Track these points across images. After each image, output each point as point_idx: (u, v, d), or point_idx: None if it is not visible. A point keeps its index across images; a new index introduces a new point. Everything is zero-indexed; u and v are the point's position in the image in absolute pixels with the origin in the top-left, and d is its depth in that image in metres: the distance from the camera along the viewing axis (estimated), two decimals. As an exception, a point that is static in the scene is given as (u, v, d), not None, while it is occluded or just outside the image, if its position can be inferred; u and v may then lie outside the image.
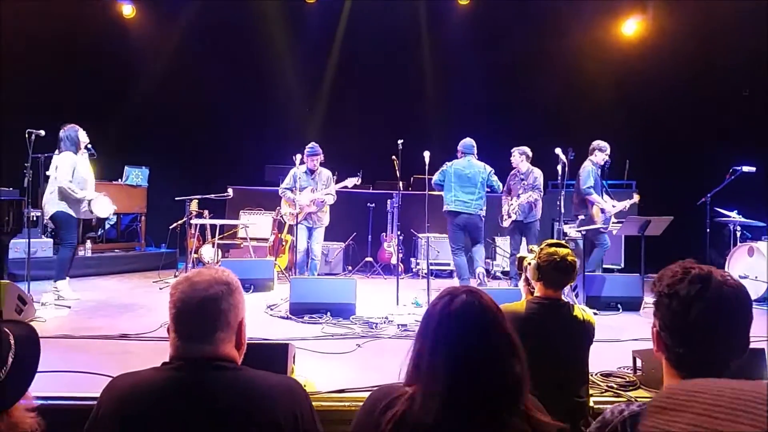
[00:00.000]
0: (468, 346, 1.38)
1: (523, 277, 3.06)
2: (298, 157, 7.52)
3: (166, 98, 9.85)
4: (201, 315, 1.53)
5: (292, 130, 10.23)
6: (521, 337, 1.46)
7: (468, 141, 7.03)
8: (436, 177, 6.97)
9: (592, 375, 3.20)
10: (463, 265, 6.85)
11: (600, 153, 6.95)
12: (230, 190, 8.11)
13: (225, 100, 9.93)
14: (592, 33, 10.04)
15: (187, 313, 1.53)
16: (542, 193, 7.19)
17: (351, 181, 7.32)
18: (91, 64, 9.46)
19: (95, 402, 2.84)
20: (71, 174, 6.00)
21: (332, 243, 8.51)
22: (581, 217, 6.85)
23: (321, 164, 7.30)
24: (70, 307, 5.52)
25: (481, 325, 1.41)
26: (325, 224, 7.34)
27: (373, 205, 8.89)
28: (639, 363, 3.54)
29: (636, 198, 7.03)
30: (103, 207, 6.30)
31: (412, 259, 8.85)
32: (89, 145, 8.06)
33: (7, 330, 1.38)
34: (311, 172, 7.24)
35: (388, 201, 8.91)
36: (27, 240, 6.07)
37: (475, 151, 7.02)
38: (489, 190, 7.00)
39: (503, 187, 7.31)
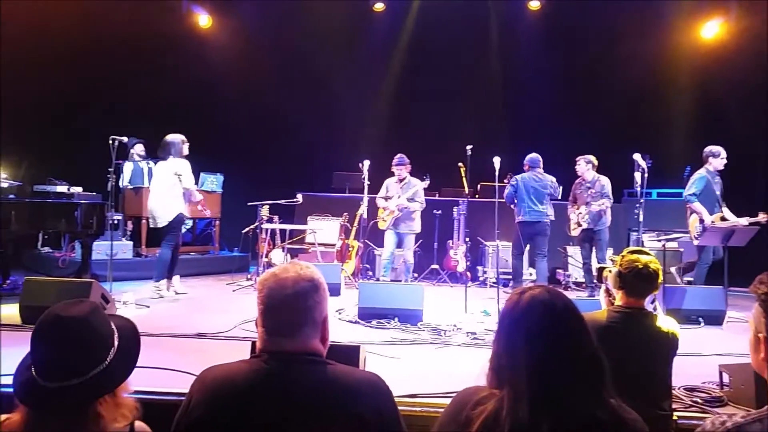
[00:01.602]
0: (544, 337, 1.38)
1: (603, 287, 2.96)
2: (366, 163, 7.64)
3: (239, 107, 10.18)
4: (287, 311, 1.56)
5: (360, 137, 10.35)
6: (602, 346, 1.44)
7: (535, 156, 7.37)
8: (507, 191, 7.25)
9: (674, 389, 3.06)
10: (520, 267, 7.38)
11: (714, 159, 6.69)
12: (299, 196, 8.28)
13: (295, 109, 10.15)
14: (669, 36, 9.68)
15: (275, 309, 1.56)
16: (612, 201, 7.08)
17: (420, 185, 7.62)
18: (170, 74, 9.87)
19: (174, 397, 2.95)
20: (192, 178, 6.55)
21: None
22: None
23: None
24: (149, 307, 5.77)
25: (554, 314, 1.41)
26: (416, 231, 7.68)
27: (440, 212, 8.82)
28: (726, 378, 3.36)
29: (762, 217, 6.41)
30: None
31: (479, 268, 8.72)
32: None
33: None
34: (400, 180, 7.62)
35: (455, 208, 8.84)
36: (110, 242, 6.40)
37: (541, 164, 7.33)
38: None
39: (570, 196, 7.43)
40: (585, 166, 7.17)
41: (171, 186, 6.38)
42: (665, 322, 2.65)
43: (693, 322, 5.65)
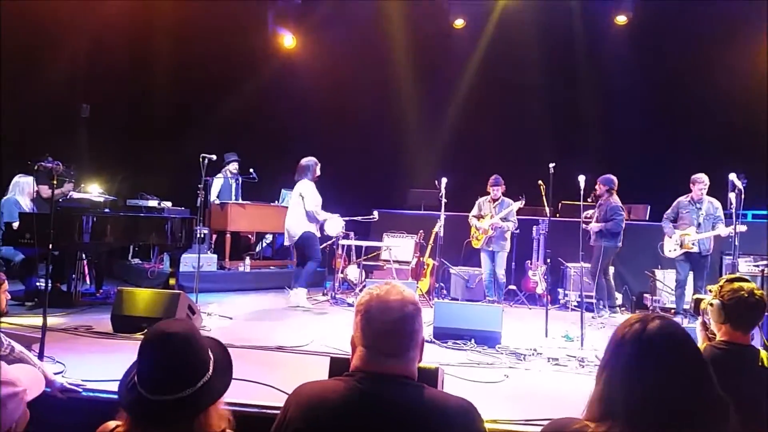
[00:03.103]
0: (669, 376, 1.29)
1: (699, 320, 2.74)
2: (444, 180, 7.60)
3: (318, 125, 10.40)
4: (397, 334, 1.56)
5: (436, 154, 10.33)
6: None
7: (611, 177, 7.22)
8: (621, 223, 7.00)
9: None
10: (606, 287, 7.23)
11: None
12: (375, 213, 8.32)
13: (372, 126, 10.27)
14: (765, 47, 9.11)
15: (382, 332, 1.55)
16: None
17: (516, 205, 7.73)
18: (254, 94, 10.23)
19: (255, 409, 3.01)
20: (317, 199, 6.97)
21: (475, 269, 8.38)
22: None
23: (503, 194, 7.90)
24: (231, 318, 5.94)
25: (682, 354, 1.32)
26: (507, 250, 7.92)
27: (517, 231, 8.61)
28: (842, 423, 3.04)
29: None
30: (334, 226, 7.27)
31: (560, 290, 8.42)
32: (252, 170, 8.73)
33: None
34: (494, 200, 7.84)
35: (534, 227, 8.60)
36: (197, 255, 6.64)
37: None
38: None
39: (666, 214, 7.05)
40: (707, 186, 6.75)
41: (298, 205, 6.92)
42: (773, 360, 2.43)
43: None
